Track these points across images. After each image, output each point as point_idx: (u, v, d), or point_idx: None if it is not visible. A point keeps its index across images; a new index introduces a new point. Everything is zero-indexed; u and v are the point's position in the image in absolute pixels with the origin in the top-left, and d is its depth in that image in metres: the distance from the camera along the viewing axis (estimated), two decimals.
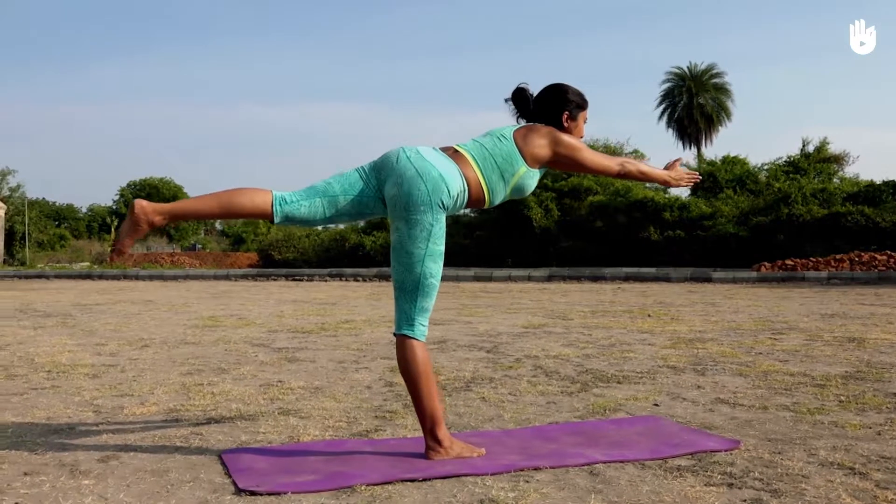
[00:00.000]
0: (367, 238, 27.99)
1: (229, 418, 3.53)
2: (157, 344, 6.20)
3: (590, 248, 21.93)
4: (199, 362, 5.20)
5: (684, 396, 3.90)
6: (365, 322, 7.82)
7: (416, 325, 2.81)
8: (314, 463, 2.75)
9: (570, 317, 8.16)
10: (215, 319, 8.33)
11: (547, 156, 2.91)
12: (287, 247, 31.38)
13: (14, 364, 5.20)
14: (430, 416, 2.81)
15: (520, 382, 4.32)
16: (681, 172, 3.22)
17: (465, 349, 5.69)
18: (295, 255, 30.20)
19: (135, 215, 2.74)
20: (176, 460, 2.83)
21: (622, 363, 4.95)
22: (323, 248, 29.97)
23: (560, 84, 3.04)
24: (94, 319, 8.47)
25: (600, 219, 22.94)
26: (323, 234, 33.64)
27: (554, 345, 5.86)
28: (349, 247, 28.47)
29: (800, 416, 3.42)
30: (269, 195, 2.79)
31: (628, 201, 22.72)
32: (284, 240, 32.50)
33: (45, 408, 3.79)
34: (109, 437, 3.18)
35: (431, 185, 2.74)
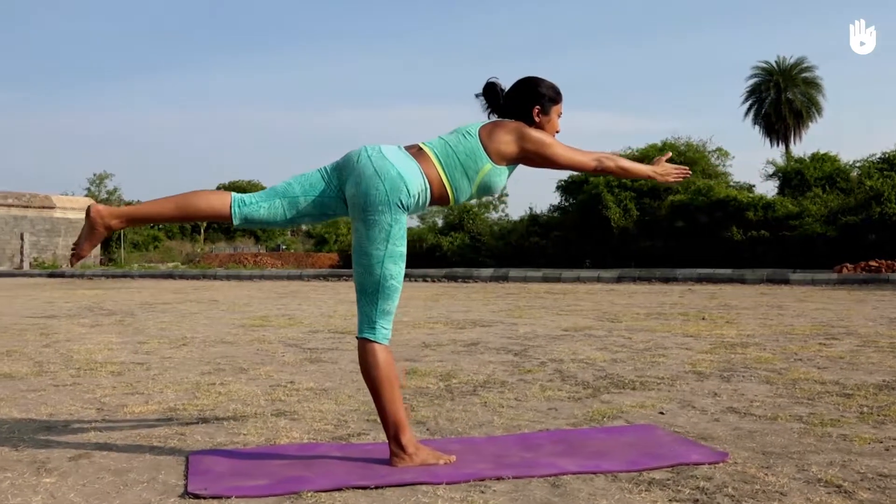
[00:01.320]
0: (445, 239, 28.00)
1: (221, 419, 3.52)
2: (196, 343, 6.29)
3: (670, 248, 21.38)
4: (225, 362, 5.24)
5: (695, 404, 3.71)
6: (408, 323, 7.78)
7: (378, 328, 2.73)
8: (275, 467, 2.70)
9: (620, 319, 7.94)
10: (265, 319, 8.43)
11: (513, 152, 2.79)
12: None
13: (50, 361, 5.34)
14: (393, 422, 2.72)
15: (531, 387, 4.20)
16: (667, 168, 3.05)
17: (493, 352, 5.58)
18: None
19: (91, 219, 2.74)
20: (144, 460, 2.82)
21: (647, 368, 4.76)
22: None
23: (531, 77, 2.92)
24: (151, 318, 8.68)
25: (681, 218, 22.32)
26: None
27: (587, 348, 5.69)
28: (426, 247, 28.53)
29: (809, 428, 3.20)
30: (228, 197, 2.76)
31: (710, 200, 22.06)
32: None
33: (53, 404, 3.87)
34: (95, 436, 3.21)
35: (390, 185, 2.66)
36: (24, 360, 5.38)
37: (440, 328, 7.26)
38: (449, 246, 27.29)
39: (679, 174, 3.07)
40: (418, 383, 4.34)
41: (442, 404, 3.79)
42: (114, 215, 2.75)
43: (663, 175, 3.03)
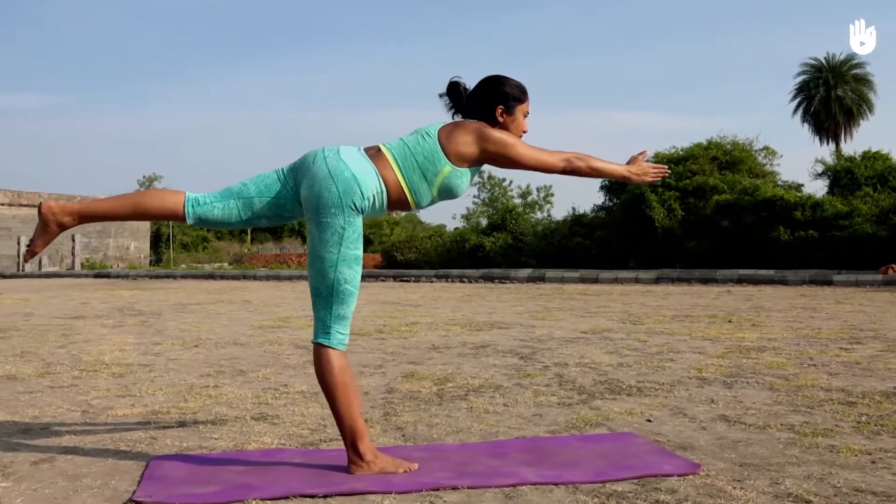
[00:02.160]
0: (487, 239, 27.87)
1: (199, 422, 3.49)
2: (208, 344, 6.30)
3: (715, 249, 20.97)
4: (228, 364, 5.23)
5: (687, 412, 3.58)
6: (428, 325, 7.71)
7: (333, 333, 2.67)
8: (230, 473, 2.65)
9: (643, 322, 7.77)
10: (286, 320, 8.43)
11: (473, 153, 2.70)
12: (409, 248, 31.73)
13: (59, 362, 5.39)
14: (349, 429, 2.66)
15: (524, 392, 4.10)
16: (644, 167, 2.93)
17: (500, 355, 5.49)
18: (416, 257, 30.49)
19: (43, 217, 2.71)
20: (105, 465, 2.80)
21: (651, 373, 4.62)
22: (444, 248, 30.09)
23: (495, 76, 2.83)
24: (175, 319, 8.75)
25: (726, 218, 21.85)
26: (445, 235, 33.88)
27: (596, 352, 5.56)
28: (469, 248, 28.44)
29: (797, 439, 3.05)
30: (182, 196, 2.72)
31: (756, 200, 21.57)
32: (406, 241, 32.93)
33: (42, 407, 3.88)
34: (68, 439, 3.20)
35: (343, 187, 2.59)
36: (35, 361, 5.43)
37: (456, 330, 7.17)
38: (491, 246, 27.15)
39: (657, 174, 2.95)
40: (411, 387, 4.27)
41: (427, 409, 3.71)
42: (66, 212, 2.72)
43: (639, 175, 2.91)
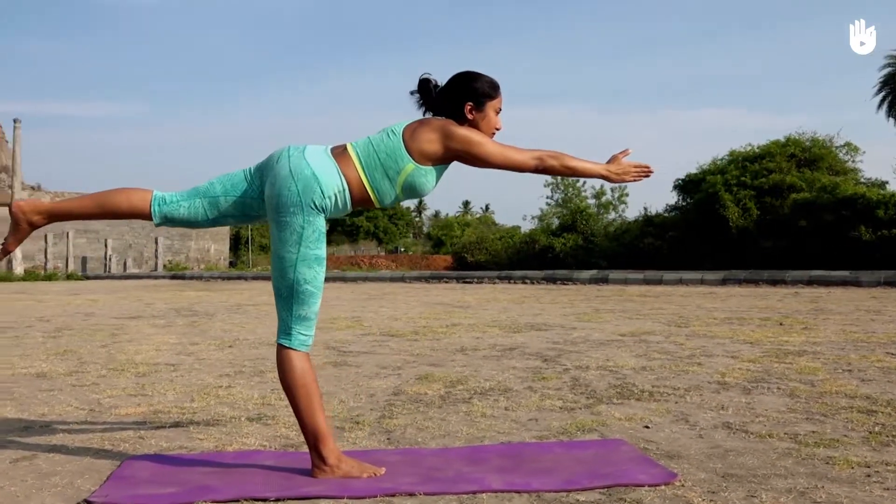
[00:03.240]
0: (557, 240, 27.62)
1: (194, 423, 3.50)
2: (242, 345, 6.37)
3: (791, 249, 20.28)
4: (252, 364, 5.26)
5: (691, 418, 3.42)
6: (468, 326, 7.64)
7: (294, 334, 2.63)
8: (195, 474, 2.64)
9: (690, 324, 7.54)
10: (331, 321, 8.47)
11: (437, 151, 2.62)
12: (479, 249, 31.67)
13: (94, 361, 5.51)
14: (311, 432, 2.61)
15: (531, 396, 4.00)
16: (625, 166, 2.79)
17: (524, 357, 5.38)
18: (486, 258, 30.42)
19: (13, 215, 2.74)
20: (81, 464, 2.82)
21: (671, 378, 4.46)
22: (514, 250, 29.91)
23: (466, 72, 2.74)
24: (224, 320, 8.89)
25: (804, 218, 21.10)
26: (516, 236, 33.69)
27: (625, 355, 5.41)
28: (539, 249, 28.23)
29: (796, 448, 2.88)
30: (149, 195, 2.72)
31: (835, 198, 20.76)
32: (477, 242, 32.87)
33: (53, 405, 3.96)
34: (59, 437, 3.24)
35: (302, 186, 2.55)
36: (72, 360, 5.57)
37: (493, 332, 7.09)
38: (561, 247, 26.88)
39: (639, 173, 2.81)
40: (419, 389, 4.21)
41: (425, 412, 3.65)
42: (35, 211, 2.74)
43: (619, 174, 2.78)
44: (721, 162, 24.22)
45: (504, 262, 27.80)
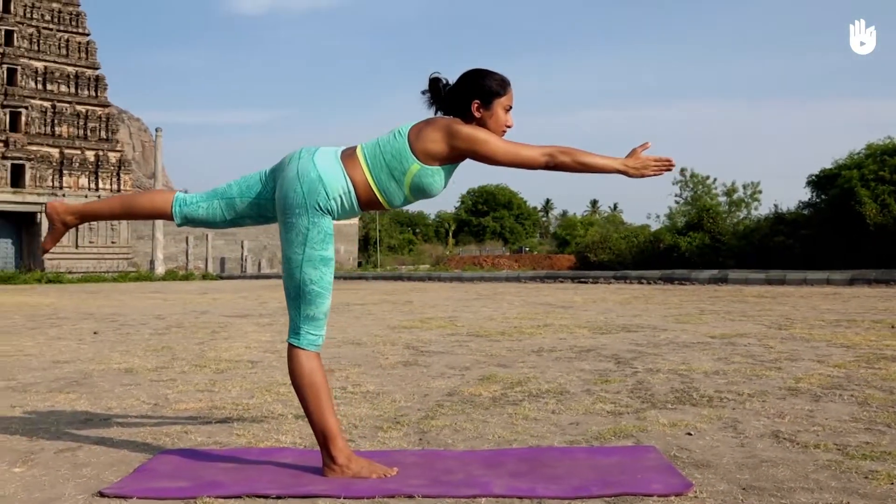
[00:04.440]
0: (683, 239, 26.85)
1: (242, 419, 3.59)
2: (329, 344, 6.49)
3: None
4: (328, 363, 5.35)
5: (740, 426, 3.24)
6: (558, 327, 7.53)
7: (303, 334, 2.65)
8: (211, 470, 2.70)
9: (791, 327, 7.16)
10: (426, 320, 8.54)
11: (442, 151, 2.58)
12: (603, 248, 31.22)
13: (184, 358, 5.76)
14: (320, 431, 2.63)
15: (584, 399, 3.89)
16: (644, 160, 2.66)
17: (597, 359, 5.25)
18: (610, 257, 29.94)
19: (49, 216, 2.89)
20: (116, 457, 2.93)
21: (741, 383, 4.25)
22: (638, 249, 29.31)
23: (474, 70, 2.69)
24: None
25: None
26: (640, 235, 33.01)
27: (704, 358, 5.19)
28: (663, 248, 27.54)
29: (837, 461, 2.68)
30: (171, 196, 2.81)
31: None
32: (601, 242, 32.41)
33: (124, 398, 4.15)
34: (111, 430, 3.39)
35: (307, 188, 2.57)
36: (164, 356, 5.84)
37: (581, 333, 6.95)
38: (687, 246, 26.12)
39: (659, 167, 2.67)
40: (475, 390, 4.18)
41: (469, 414, 3.61)
42: (68, 212, 2.89)
43: (638, 169, 2.65)
44: (857, 156, 22.89)
45: (628, 262, 27.26)
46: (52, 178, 35.60)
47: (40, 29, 36.80)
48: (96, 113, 37.86)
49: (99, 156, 37.28)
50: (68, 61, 37.47)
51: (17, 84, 35.59)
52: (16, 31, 36.01)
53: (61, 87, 36.96)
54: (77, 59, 37.86)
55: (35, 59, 36.43)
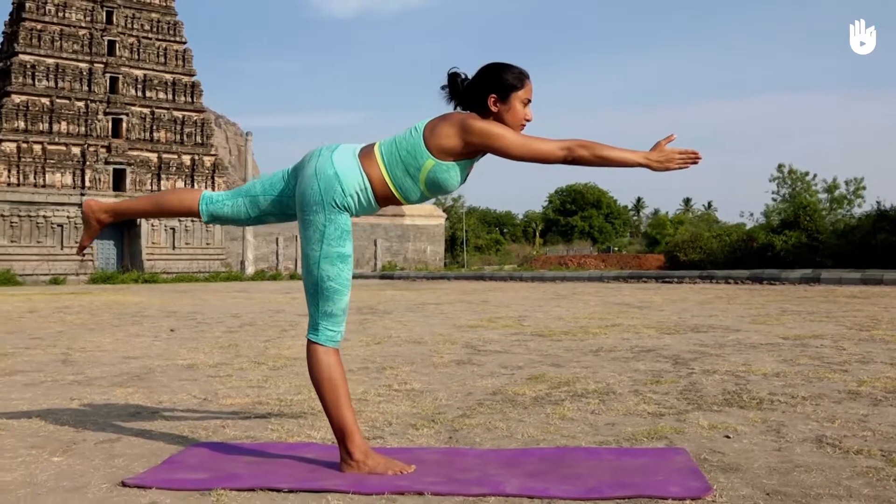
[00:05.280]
0: (777, 238, 26.05)
1: (281, 415, 3.63)
2: (390, 342, 6.54)
3: None
4: (383, 361, 5.38)
5: (784, 430, 3.10)
6: (626, 327, 7.38)
7: (321, 330, 2.66)
8: (233, 463, 2.74)
9: (874, 328, 6.84)
10: (493, 320, 8.50)
11: (456, 146, 2.55)
12: (693, 248, 30.56)
13: (246, 355, 5.87)
14: (338, 427, 2.63)
15: (628, 400, 3.79)
16: (668, 153, 2.55)
17: (656, 360, 5.12)
18: (701, 257, 29.27)
19: (84, 214, 2.98)
20: (149, 448, 3.00)
21: (800, 385, 4.07)
22: (730, 248, 28.56)
23: (491, 63, 2.64)
24: (393, 318, 9.17)
25: None
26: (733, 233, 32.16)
27: (768, 360, 5.00)
28: (756, 247, 26.76)
29: (877, 469, 2.53)
30: (198, 195, 2.85)
31: None
32: (691, 241, 31.73)
33: (176, 392, 4.26)
34: (153, 423, 3.48)
35: (324, 185, 2.57)
36: (228, 353, 5.97)
37: (648, 333, 6.80)
38: (782, 245, 25.32)
39: (684, 160, 2.57)
40: (520, 390, 4.12)
41: (507, 413, 3.56)
42: (102, 210, 2.97)
43: (662, 162, 2.55)
44: None
45: (719, 262, 26.57)
46: (151, 182, 36.95)
47: (140, 38, 38.27)
48: (192, 118, 39.13)
49: (195, 160, 38.51)
50: (166, 69, 38.84)
51: (118, 92, 37.11)
52: (118, 41, 37.54)
53: (159, 94, 38.35)
54: (174, 66, 39.22)
55: (135, 68, 37.90)
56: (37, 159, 34.34)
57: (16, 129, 34.27)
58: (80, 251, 3.08)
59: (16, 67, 34.65)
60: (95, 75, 36.53)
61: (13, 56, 35.14)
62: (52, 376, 4.90)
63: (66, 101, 35.60)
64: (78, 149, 35.54)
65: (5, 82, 35.12)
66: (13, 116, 34.22)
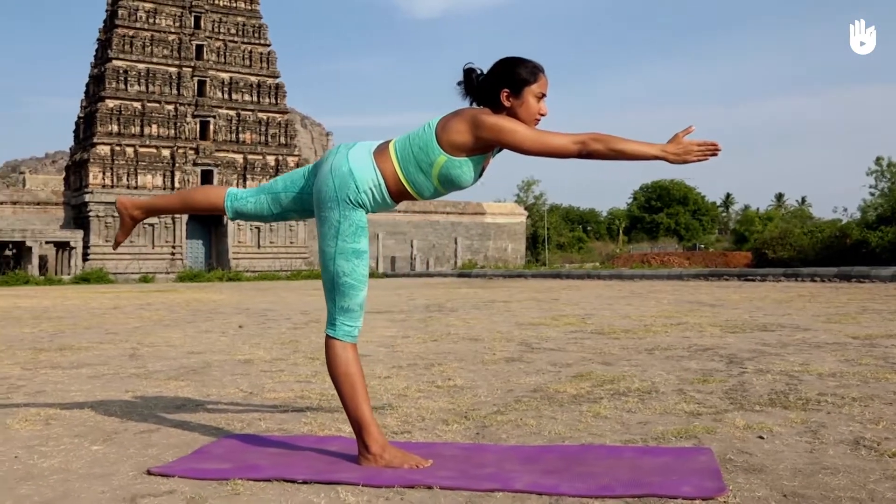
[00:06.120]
0: (873, 234, 25.11)
1: (318, 409, 3.69)
2: (447, 340, 6.56)
3: None
4: (435, 357, 5.41)
5: (822, 431, 2.99)
6: (690, 325, 7.22)
7: (339, 325, 2.69)
8: (258, 454, 2.79)
9: None
10: (555, 319, 8.43)
11: (467, 142, 2.54)
12: (782, 245, 29.74)
13: (302, 350, 5.99)
14: (355, 421, 2.66)
15: (668, 399, 3.72)
16: (686, 145, 2.49)
17: (711, 359, 5.00)
18: (790, 254, 28.46)
19: (119, 211, 3.08)
20: (183, 439, 3.09)
21: (854, 386, 3.91)
22: (822, 245, 27.66)
23: (505, 58, 2.62)
24: (457, 316, 9.20)
25: None
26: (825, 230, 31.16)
27: (829, 359, 4.82)
28: (850, 244, 25.84)
29: None
30: (224, 192, 2.92)
31: None
32: (780, 238, 30.90)
33: (225, 386, 4.37)
34: (193, 416, 3.57)
35: (338, 182, 2.61)
36: (287, 349, 6.09)
37: (710, 331, 6.64)
38: (878, 241, 24.38)
39: (703, 151, 2.50)
40: (561, 387, 4.09)
41: (541, 410, 3.54)
42: (135, 206, 3.07)
43: (679, 154, 2.49)
44: None
45: (810, 259, 25.76)
46: (237, 182, 37.94)
47: (226, 42, 39.35)
48: (276, 120, 40.03)
49: (279, 160, 39.39)
50: (251, 71, 39.84)
51: (206, 95, 38.25)
52: (205, 45, 38.69)
53: (245, 96, 39.37)
54: (259, 68, 40.19)
55: (221, 71, 39.00)
56: (129, 161, 35.66)
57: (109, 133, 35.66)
58: (116, 246, 3.19)
59: (109, 73, 36.07)
60: (184, 79, 37.71)
61: (107, 62, 36.60)
62: (115, 370, 5.09)
63: (156, 105, 36.86)
64: (167, 151, 36.76)
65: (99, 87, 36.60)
66: (107, 120, 35.62)
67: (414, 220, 46.59)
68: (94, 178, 34.96)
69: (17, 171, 69.32)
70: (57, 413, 3.63)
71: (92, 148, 35.19)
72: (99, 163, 34.75)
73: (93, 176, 35.00)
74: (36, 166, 77.71)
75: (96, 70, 37.50)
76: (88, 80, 38.47)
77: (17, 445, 3.00)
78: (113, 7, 37.44)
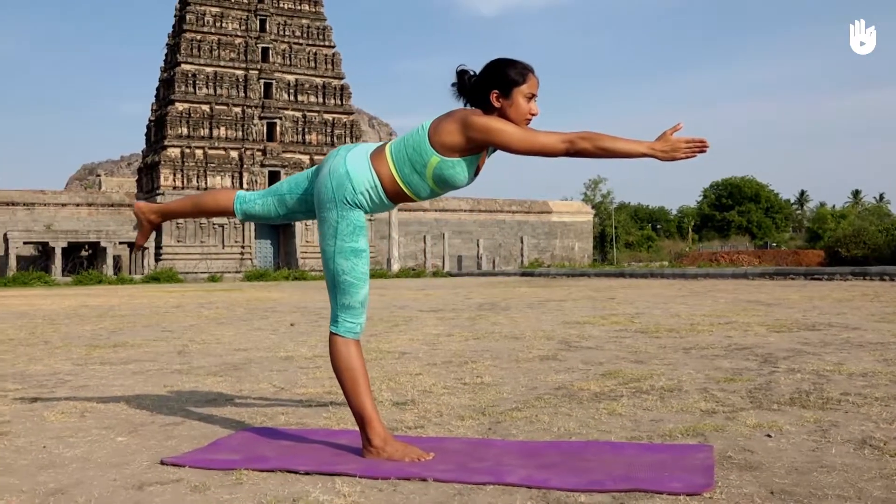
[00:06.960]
0: None
1: (340, 404, 3.77)
2: (489, 338, 6.61)
3: None
4: (473, 355, 5.46)
5: (833, 431, 2.95)
6: (736, 324, 7.13)
7: (341, 321, 2.77)
8: (269, 447, 2.89)
9: None
10: (605, 317, 8.40)
11: (458, 142, 2.60)
12: (856, 243, 28.98)
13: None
14: (357, 414, 2.74)
15: (688, 398, 3.70)
16: (674, 142, 2.50)
17: (745, 358, 4.94)
18: (864, 252, 27.70)
19: (136, 215, 3.23)
20: (204, 431, 3.22)
21: (882, 386, 3.83)
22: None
23: (496, 59, 2.67)
24: (510, 316, 9.24)
25: None
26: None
27: (866, 359, 4.73)
28: None
29: None
30: (234, 195, 3.03)
31: None
32: (853, 235, 30.12)
33: (260, 381, 4.50)
34: (220, 409, 3.71)
35: (336, 183, 2.70)
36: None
37: (755, 330, 6.55)
38: None
39: (691, 149, 2.51)
40: (585, 385, 4.10)
41: (559, 407, 3.56)
42: (151, 211, 3.21)
43: (667, 151, 2.50)
44: None
45: (885, 257, 25.02)
46: None
47: (291, 44, 40.02)
48: (341, 120, 40.55)
49: None
50: (316, 73, 40.44)
51: (272, 97, 38.98)
52: (271, 47, 39.42)
53: (310, 98, 39.98)
54: (324, 70, 40.77)
55: (287, 73, 39.69)
56: (198, 163, 36.57)
57: (179, 136, 36.63)
58: (138, 250, 3.35)
59: (178, 77, 37.04)
60: (250, 81, 38.50)
61: (176, 66, 37.59)
62: (160, 365, 5.29)
63: (224, 108, 37.72)
64: (235, 152, 37.57)
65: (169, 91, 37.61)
66: (177, 123, 36.59)
67: (480, 219, 46.66)
68: (165, 179, 35.98)
69: (93, 174, 71.73)
70: (93, 406, 3.80)
71: (162, 150, 36.23)
72: (169, 165, 35.76)
73: (164, 178, 36.02)
74: (112, 168, 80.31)
75: (166, 74, 38.58)
76: (159, 83, 39.61)
77: (48, 436, 3.16)
78: (181, 12, 38.47)
